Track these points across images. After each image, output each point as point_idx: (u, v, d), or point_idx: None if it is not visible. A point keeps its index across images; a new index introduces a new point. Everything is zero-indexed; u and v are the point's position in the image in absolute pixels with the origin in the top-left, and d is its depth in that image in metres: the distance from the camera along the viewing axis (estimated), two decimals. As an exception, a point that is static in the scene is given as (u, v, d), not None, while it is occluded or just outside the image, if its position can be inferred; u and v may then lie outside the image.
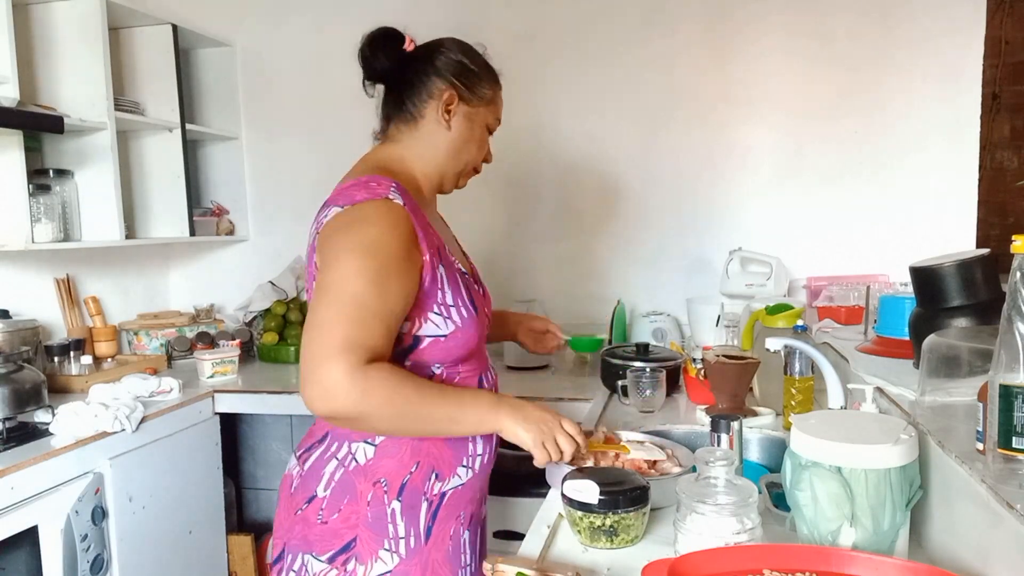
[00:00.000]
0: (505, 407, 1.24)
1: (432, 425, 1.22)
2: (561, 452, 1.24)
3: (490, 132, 1.45)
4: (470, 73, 1.38)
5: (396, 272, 1.18)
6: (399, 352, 1.25)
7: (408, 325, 1.24)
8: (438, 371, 1.30)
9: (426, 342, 1.26)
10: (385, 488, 1.28)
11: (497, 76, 1.45)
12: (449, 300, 1.26)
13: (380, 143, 1.41)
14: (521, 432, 1.22)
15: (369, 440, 1.28)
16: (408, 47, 1.39)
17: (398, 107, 1.37)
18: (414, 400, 1.16)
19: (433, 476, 1.31)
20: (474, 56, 1.41)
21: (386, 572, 1.29)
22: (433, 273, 1.24)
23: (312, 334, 1.13)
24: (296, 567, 1.31)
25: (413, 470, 1.29)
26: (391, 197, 1.23)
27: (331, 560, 1.28)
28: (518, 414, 1.23)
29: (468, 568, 1.40)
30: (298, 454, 1.36)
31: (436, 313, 1.25)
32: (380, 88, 1.41)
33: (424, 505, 1.30)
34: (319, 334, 1.12)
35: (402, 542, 1.29)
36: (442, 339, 1.26)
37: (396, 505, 1.28)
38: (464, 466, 1.34)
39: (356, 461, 1.29)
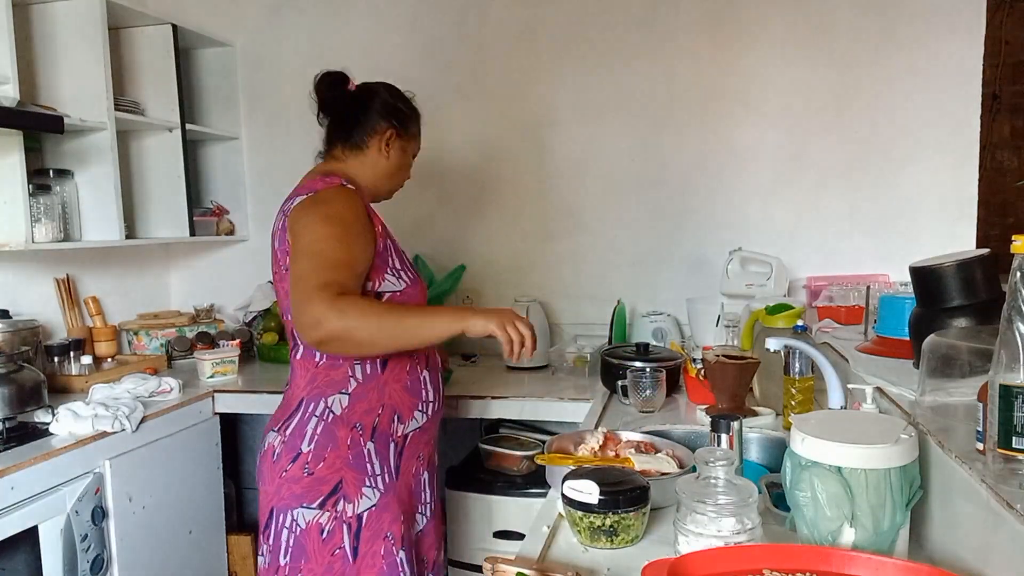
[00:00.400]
0: (468, 310, 1.49)
1: (408, 332, 1.43)
2: (522, 336, 1.44)
3: (413, 158, 1.77)
4: (404, 115, 1.70)
5: (355, 234, 1.49)
6: None
7: (370, 284, 1.53)
8: None
9: (385, 297, 1.55)
10: (360, 431, 1.54)
11: (419, 116, 1.76)
12: (398, 265, 1.59)
13: (324, 161, 1.71)
14: (485, 322, 1.43)
15: (344, 391, 1.54)
16: (351, 87, 1.70)
17: (346, 137, 1.67)
18: (385, 312, 1.42)
19: (396, 419, 1.58)
20: (406, 101, 1.72)
21: (372, 506, 1.53)
22: (385, 242, 1.57)
23: (296, 285, 1.42)
24: (287, 523, 1.52)
25: (380, 412, 1.56)
26: (345, 184, 1.57)
27: (322, 505, 1.51)
28: (479, 312, 1.46)
29: (428, 507, 1.69)
30: (276, 428, 1.59)
31: (390, 274, 1.56)
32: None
33: (392, 446, 1.57)
34: (302, 283, 1.41)
35: (379, 478, 1.55)
36: (397, 294, 1.56)
37: (371, 446, 1.54)
38: (420, 411, 1.62)
39: (333, 412, 1.54)
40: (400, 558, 1.55)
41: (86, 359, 2.34)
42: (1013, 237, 0.84)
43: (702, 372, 1.94)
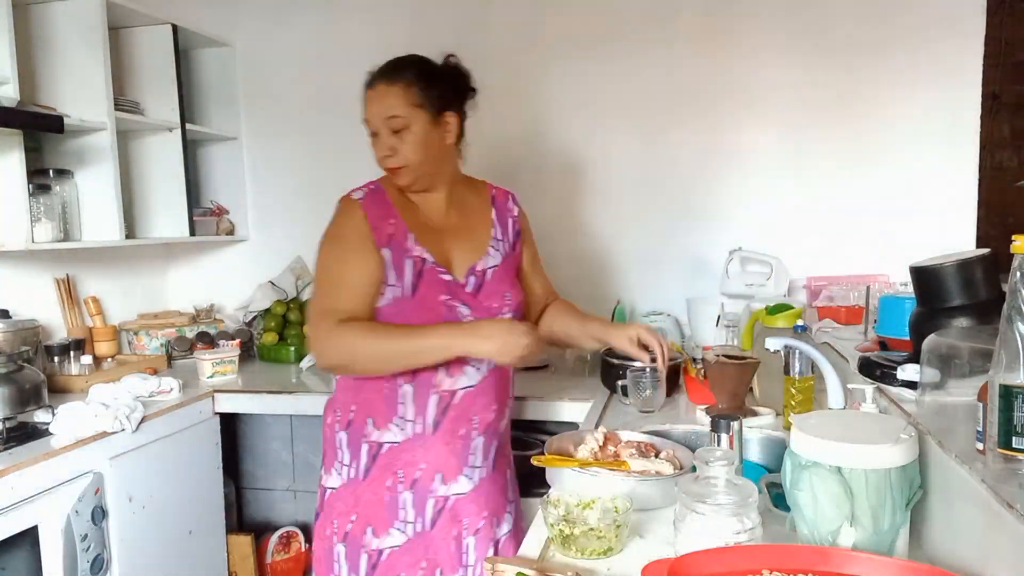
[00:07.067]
0: (462, 332, 1.45)
1: (402, 358, 1.47)
2: (525, 352, 1.41)
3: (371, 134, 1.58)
4: None
5: (353, 250, 1.50)
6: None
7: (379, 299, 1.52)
8: None
9: (380, 313, 1.52)
10: (338, 417, 1.60)
11: (367, 83, 1.58)
12: (391, 280, 1.51)
13: None
14: (481, 346, 1.42)
15: (335, 377, 1.65)
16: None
17: None
18: (377, 341, 1.45)
19: (370, 422, 1.56)
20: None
21: (332, 488, 1.60)
22: (385, 252, 1.51)
23: (307, 311, 1.58)
24: None
25: (354, 409, 1.57)
26: (353, 196, 1.56)
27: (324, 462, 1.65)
28: (475, 334, 1.43)
29: (411, 526, 1.57)
30: None
31: (388, 286, 1.51)
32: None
33: (365, 447, 1.57)
34: (309, 310, 1.53)
35: (345, 468, 1.59)
36: (382, 308, 1.51)
37: (343, 435, 1.59)
38: (397, 426, 1.55)
39: (328, 393, 1.68)
40: (338, 550, 1.57)
41: (86, 359, 2.34)
42: (1013, 237, 0.84)
43: (702, 372, 1.94)
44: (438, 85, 1.53)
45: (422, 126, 1.52)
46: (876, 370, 1.38)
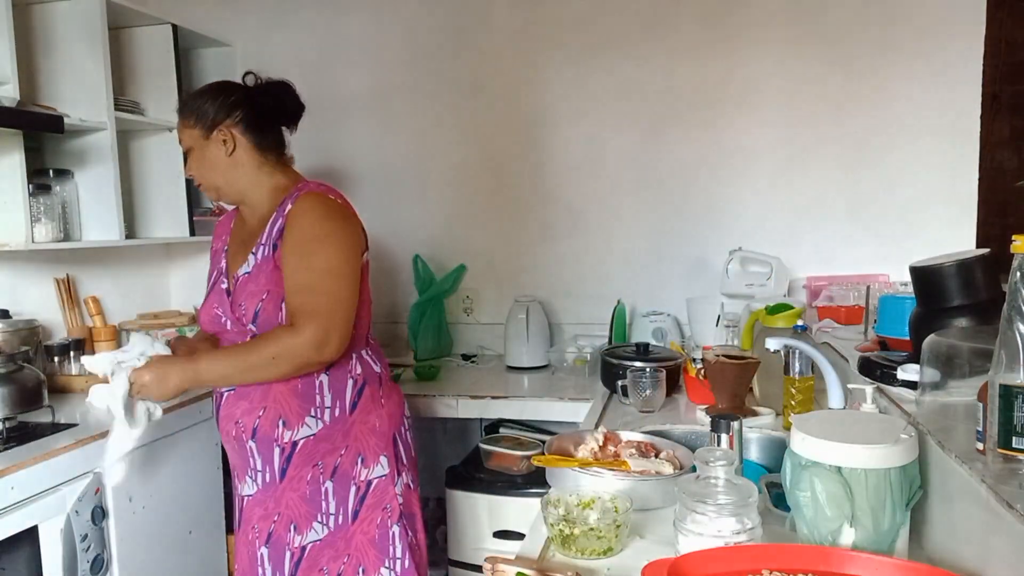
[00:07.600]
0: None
1: None
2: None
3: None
4: None
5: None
6: None
7: None
8: None
9: None
10: (243, 428, 1.57)
11: None
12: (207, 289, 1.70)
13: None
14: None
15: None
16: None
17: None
18: None
19: (281, 424, 1.55)
20: None
21: (249, 495, 1.61)
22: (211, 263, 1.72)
23: None
24: None
25: (260, 415, 1.55)
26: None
27: None
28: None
29: (333, 517, 1.60)
30: None
31: None
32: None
33: (276, 451, 1.56)
34: None
35: (259, 475, 1.59)
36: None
37: (251, 444, 1.58)
38: (312, 416, 1.56)
39: None
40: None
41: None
42: (1013, 237, 0.84)
43: (702, 372, 1.94)
44: (205, 105, 1.63)
45: (198, 143, 1.62)
46: (876, 370, 1.38)
